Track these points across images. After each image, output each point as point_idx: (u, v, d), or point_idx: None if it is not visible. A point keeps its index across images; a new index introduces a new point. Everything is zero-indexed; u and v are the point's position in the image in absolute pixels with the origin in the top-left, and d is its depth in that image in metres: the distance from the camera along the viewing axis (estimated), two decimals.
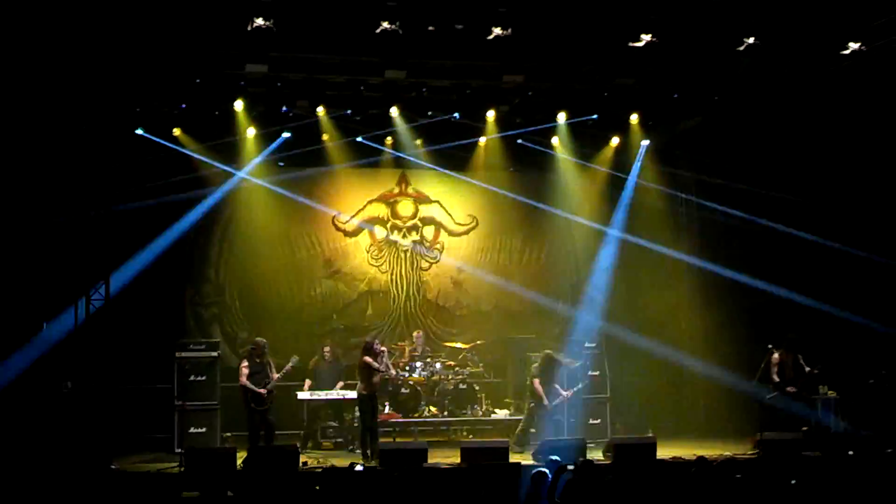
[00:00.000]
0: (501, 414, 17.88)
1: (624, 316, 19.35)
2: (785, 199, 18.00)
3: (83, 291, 15.33)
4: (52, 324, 15.99)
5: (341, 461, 14.41)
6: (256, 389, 15.50)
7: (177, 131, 17.86)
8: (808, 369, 16.25)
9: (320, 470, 13.68)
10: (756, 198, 18.31)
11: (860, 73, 15.77)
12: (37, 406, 15.49)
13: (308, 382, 17.21)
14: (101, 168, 15.81)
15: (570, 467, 10.99)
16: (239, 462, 13.69)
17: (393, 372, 16.79)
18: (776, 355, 16.25)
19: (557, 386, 16.83)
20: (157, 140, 17.60)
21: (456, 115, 17.91)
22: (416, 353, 18.09)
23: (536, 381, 16.62)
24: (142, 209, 17.37)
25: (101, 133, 15.87)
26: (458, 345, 18.57)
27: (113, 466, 14.29)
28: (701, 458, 11.43)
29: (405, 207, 20.02)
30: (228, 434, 16.83)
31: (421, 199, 20.12)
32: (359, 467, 12.01)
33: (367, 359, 15.62)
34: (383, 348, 16.15)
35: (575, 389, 17.11)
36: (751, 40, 15.11)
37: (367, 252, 19.77)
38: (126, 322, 16.65)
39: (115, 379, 15.61)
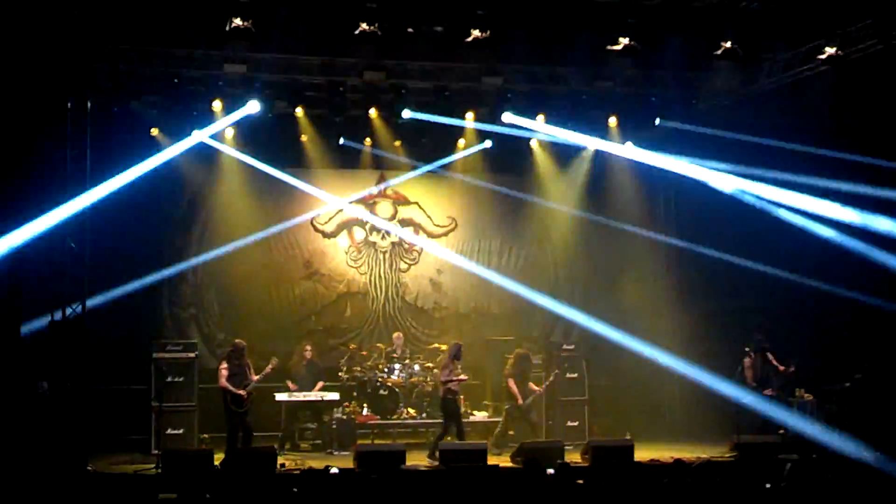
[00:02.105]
0: (480, 416, 17.90)
1: (602, 317, 19.43)
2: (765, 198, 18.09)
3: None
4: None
5: (319, 463, 14.38)
6: (236, 391, 15.45)
7: (154, 131, 17.79)
8: (781, 368, 16.34)
9: (298, 472, 13.65)
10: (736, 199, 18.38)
11: (837, 76, 15.86)
12: (12, 406, 15.36)
13: (291, 385, 17.13)
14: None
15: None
16: (216, 463, 13.64)
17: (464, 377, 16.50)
18: (746, 360, 16.37)
19: (531, 384, 16.92)
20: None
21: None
22: (396, 355, 18.09)
23: (511, 381, 16.72)
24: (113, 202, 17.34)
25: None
26: (437, 346, 18.56)
27: (89, 468, 14.22)
28: (678, 461, 11.47)
29: (384, 209, 20.01)
30: (205, 435, 16.78)
31: (400, 200, 20.11)
32: (334, 470, 11.99)
33: (455, 361, 15.86)
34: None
35: (547, 384, 17.24)
36: (728, 44, 15.20)
37: (346, 253, 19.75)
38: (103, 322, 16.56)
39: (92, 379, 15.52)
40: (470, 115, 18.13)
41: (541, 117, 18.33)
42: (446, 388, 15.73)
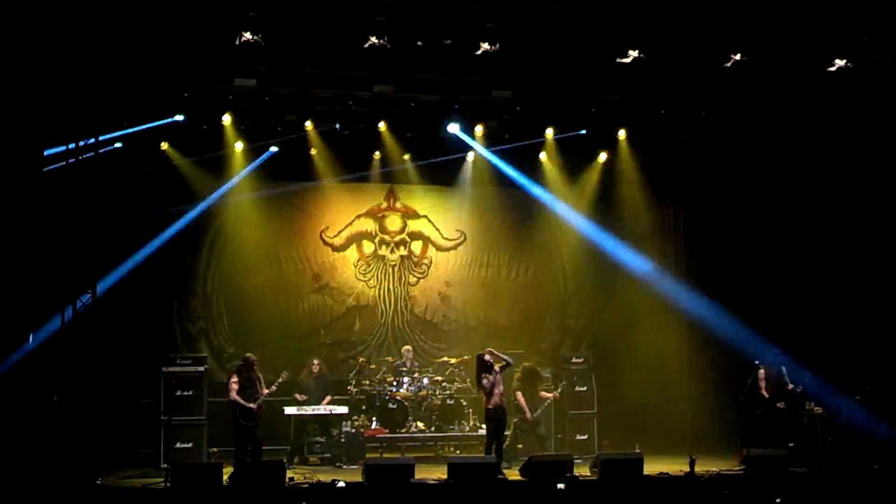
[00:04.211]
0: None
1: (610, 330, 19.42)
2: (773, 211, 18.12)
3: (69, 303, 15.25)
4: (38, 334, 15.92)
5: (328, 476, 14.35)
6: (246, 404, 15.42)
7: (164, 145, 17.86)
8: (790, 387, 16.29)
9: (307, 485, 13.64)
10: (745, 211, 18.40)
11: (846, 89, 15.86)
12: (22, 420, 15.39)
13: (299, 396, 17.09)
14: (89, 181, 15.74)
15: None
16: (225, 477, 13.63)
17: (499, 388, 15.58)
18: (762, 371, 16.30)
19: (543, 392, 16.90)
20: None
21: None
22: (405, 369, 18.06)
23: (519, 395, 16.69)
24: (129, 222, 17.40)
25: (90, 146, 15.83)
26: (446, 359, 18.53)
27: (98, 481, 14.22)
28: (689, 474, 11.43)
29: (393, 222, 20.03)
30: (214, 449, 16.74)
31: (409, 213, 20.13)
32: (342, 483, 11.98)
33: (484, 374, 15.36)
34: (492, 361, 15.50)
35: (558, 392, 17.23)
36: (738, 57, 15.19)
37: (355, 267, 19.76)
38: (113, 336, 16.59)
39: (102, 393, 15.54)
40: (479, 129, 18.19)
41: (550, 130, 18.39)
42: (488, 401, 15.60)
